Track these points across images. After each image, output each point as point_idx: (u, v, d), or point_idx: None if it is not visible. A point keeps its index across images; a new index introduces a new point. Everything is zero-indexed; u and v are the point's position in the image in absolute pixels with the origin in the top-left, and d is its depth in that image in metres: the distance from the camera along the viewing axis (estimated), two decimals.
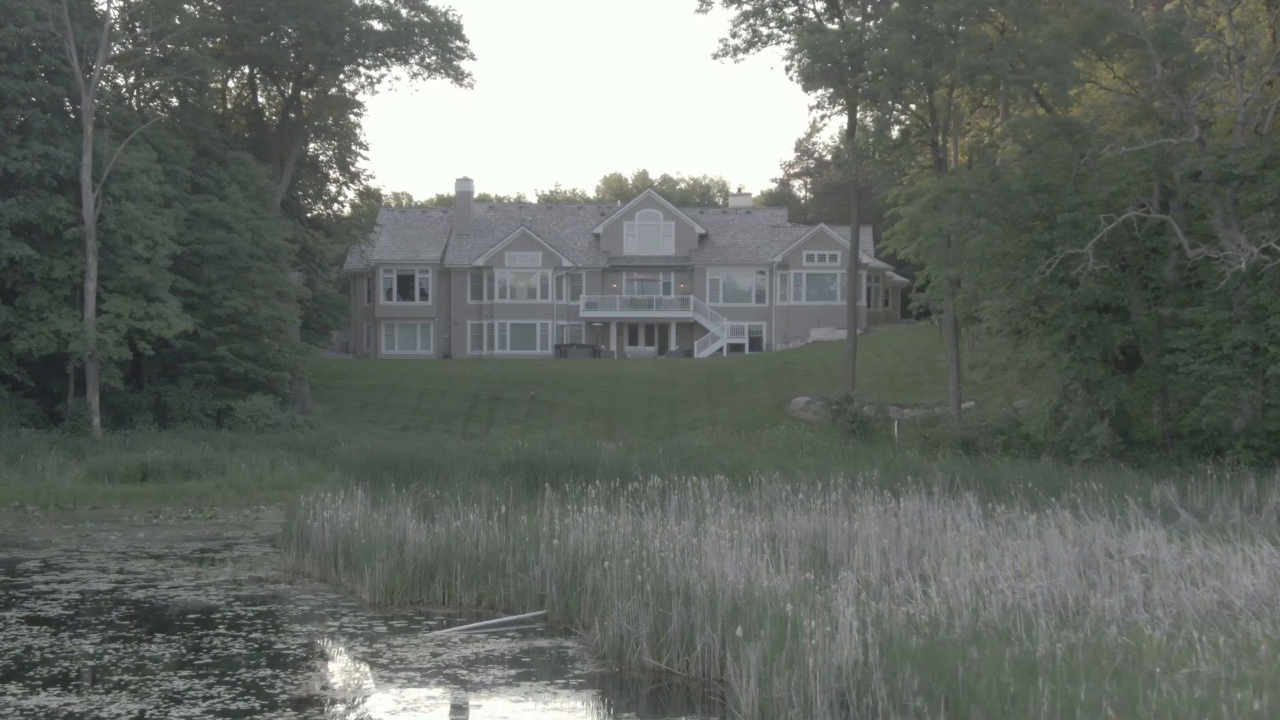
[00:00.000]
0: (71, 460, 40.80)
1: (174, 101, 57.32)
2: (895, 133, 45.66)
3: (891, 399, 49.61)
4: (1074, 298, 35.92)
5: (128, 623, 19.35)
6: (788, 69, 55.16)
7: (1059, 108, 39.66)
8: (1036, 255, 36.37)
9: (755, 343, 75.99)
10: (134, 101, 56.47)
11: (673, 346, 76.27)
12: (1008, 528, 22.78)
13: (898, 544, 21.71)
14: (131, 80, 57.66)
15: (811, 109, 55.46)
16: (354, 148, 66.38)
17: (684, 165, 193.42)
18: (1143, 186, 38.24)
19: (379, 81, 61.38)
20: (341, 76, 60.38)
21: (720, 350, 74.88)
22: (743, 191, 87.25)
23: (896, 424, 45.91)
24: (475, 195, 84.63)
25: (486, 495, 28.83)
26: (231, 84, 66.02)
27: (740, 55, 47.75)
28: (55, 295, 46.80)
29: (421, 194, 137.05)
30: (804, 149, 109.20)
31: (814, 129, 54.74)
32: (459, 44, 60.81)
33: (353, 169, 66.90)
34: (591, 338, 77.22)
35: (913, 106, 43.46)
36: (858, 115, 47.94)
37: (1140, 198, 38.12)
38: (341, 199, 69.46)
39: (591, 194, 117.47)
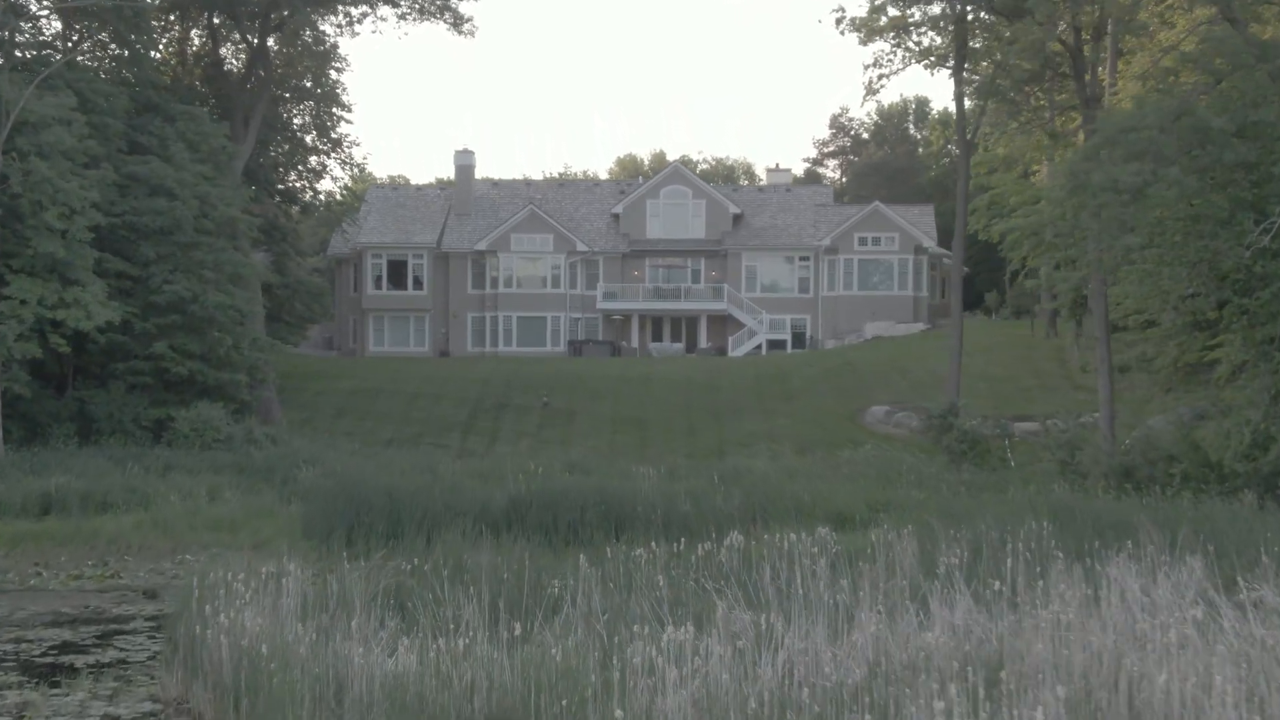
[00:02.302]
0: None
1: (114, 49, 47.48)
2: (1008, 63, 35.39)
3: (995, 410, 39.74)
4: None
5: None
6: (838, 21, 45.56)
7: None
8: (1241, 219, 26.53)
9: (798, 339, 66.09)
10: (63, 47, 46.62)
11: (703, 343, 66.38)
12: None
13: (1223, 692, 11.83)
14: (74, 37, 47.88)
15: (867, 68, 45.03)
16: (335, 110, 56.57)
17: (705, 146, 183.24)
18: None
19: (359, 21, 51.54)
20: (316, 18, 50.45)
21: (758, 347, 65.00)
22: (781, 168, 77.21)
23: (1007, 443, 36.07)
24: (477, 177, 74.53)
25: (488, 571, 19.09)
26: (194, 34, 56.22)
27: None
28: None
29: (418, 178, 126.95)
30: (839, 125, 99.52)
31: (870, 90, 44.93)
32: None
33: (334, 134, 57.09)
34: (610, 332, 67.31)
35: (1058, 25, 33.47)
36: (968, 43, 37.90)
37: None
38: (321, 169, 59.45)
39: (605, 177, 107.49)
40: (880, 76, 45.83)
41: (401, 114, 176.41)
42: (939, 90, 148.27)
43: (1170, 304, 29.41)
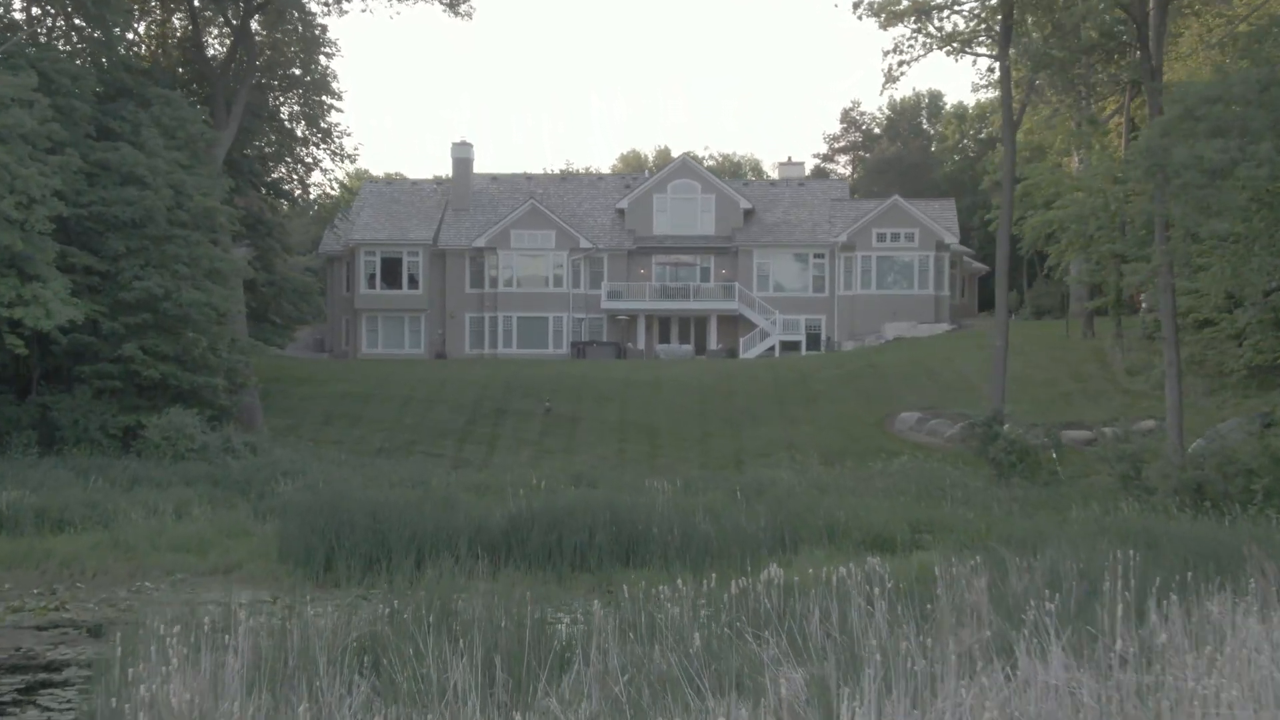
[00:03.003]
0: None
1: (85, 27, 44.24)
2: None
3: (1035, 416, 36.41)
4: None
5: None
6: (856, 5, 42.86)
7: None
8: None
9: (813, 340, 62.76)
10: (30, 27, 43.43)
11: (713, 345, 63.08)
12: None
13: None
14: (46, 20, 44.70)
15: (887, 54, 42.11)
16: (324, 98, 53.38)
17: (711, 142, 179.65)
18: None
19: None
20: None
21: (771, 349, 61.72)
22: (793, 161, 73.88)
23: (1055, 453, 32.81)
24: (475, 171, 71.00)
25: (482, 617, 15.94)
26: (176, 19, 53.08)
27: None
28: None
29: (414, 177, 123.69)
30: (851, 120, 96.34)
31: (890, 77, 42.02)
32: None
33: (324, 124, 53.88)
34: (615, 333, 64.05)
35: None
36: (1014, 14, 34.56)
37: None
38: (312, 162, 56.24)
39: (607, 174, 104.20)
40: (900, 63, 43.64)
41: (397, 111, 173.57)
42: (954, 83, 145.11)
43: (1251, 299, 26.14)
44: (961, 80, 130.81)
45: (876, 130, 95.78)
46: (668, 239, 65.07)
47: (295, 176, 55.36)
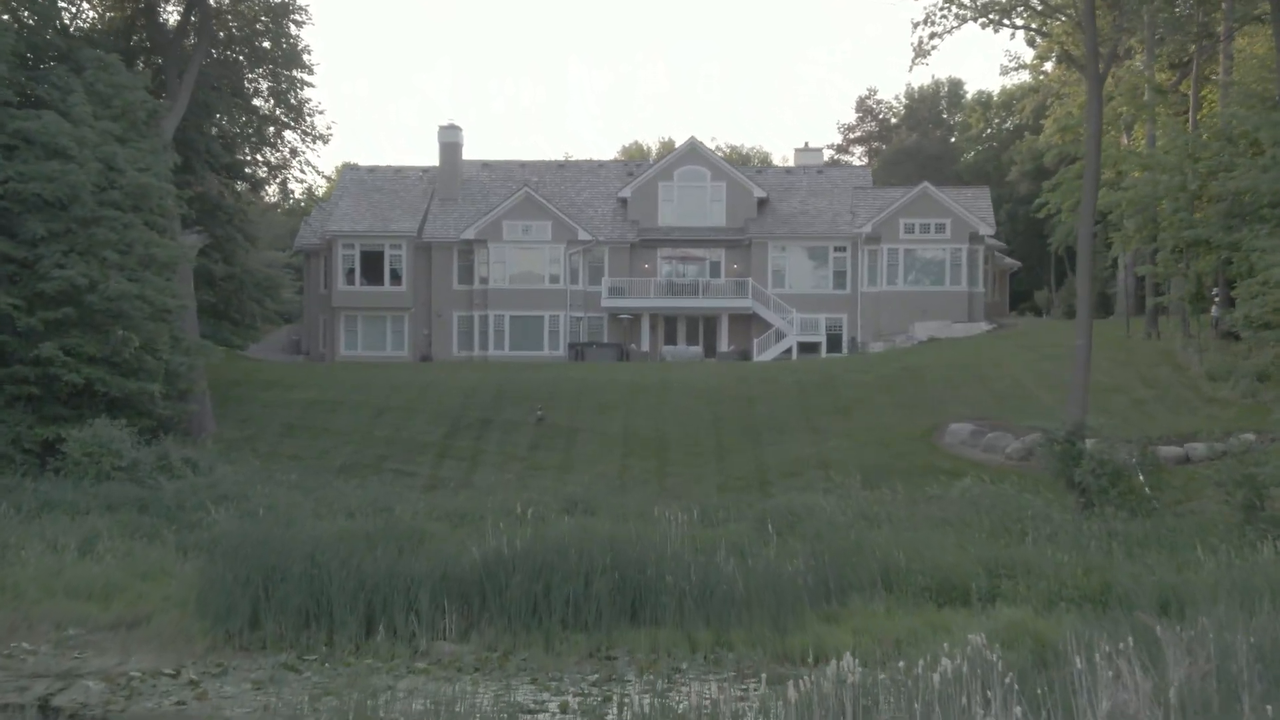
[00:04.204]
0: None
1: None
2: None
3: (1111, 429, 30.76)
4: None
5: None
6: None
7: None
8: None
9: (834, 341, 57.24)
10: None
11: (724, 346, 57.60)
12: None
13: None
14: None
15: (917, 25, 37.27)
16: (295, 73, 48.07)
17: (719, 133, 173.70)
18: None
19: None
20: None
21: (788, 351, 56.22)
22: (810, 147, 68.35)
23: (1143, 475, 27.29)
24: (465, 158, 65.40)
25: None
26: None
27: None
28: None
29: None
30: (866, 108, 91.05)
31: (919, 51, 37.16)
32: None
33: (294, 100, 48.57)
34: (617, 334, 58.55)
35: None
36: None
37: None
38: (289, 154, 50.93)
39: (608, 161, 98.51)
40: (932, 35, 39.59)
41: (378, 93, 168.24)
42: (975, 71, 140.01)
43: None
44: (985, 66, 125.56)
45: (894, 120, 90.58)
46: (674, 231, 59.58)
47: (262, 159, 50.07)
